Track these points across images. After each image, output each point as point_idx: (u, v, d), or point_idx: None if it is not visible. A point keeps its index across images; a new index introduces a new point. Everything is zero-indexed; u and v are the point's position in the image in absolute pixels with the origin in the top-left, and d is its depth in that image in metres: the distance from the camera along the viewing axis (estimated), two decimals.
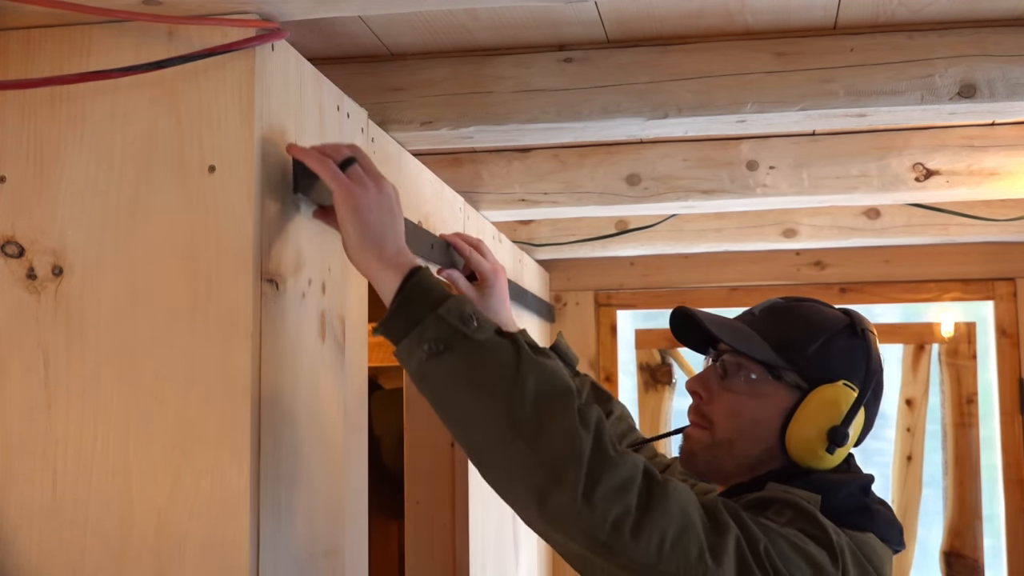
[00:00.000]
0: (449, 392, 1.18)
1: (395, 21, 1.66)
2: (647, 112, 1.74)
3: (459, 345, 1.16)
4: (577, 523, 1.12)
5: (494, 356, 1.17)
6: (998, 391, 3.40)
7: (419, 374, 1.19)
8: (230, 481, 1.12)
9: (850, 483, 1.39)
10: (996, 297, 3.42)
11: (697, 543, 1.16)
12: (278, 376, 1.20)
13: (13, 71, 1.21)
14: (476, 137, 1.84)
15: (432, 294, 1.19)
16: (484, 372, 1.16)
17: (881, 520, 1.36)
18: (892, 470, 3.64)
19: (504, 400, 1.15)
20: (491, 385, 1.16)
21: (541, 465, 1.13)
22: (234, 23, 1.17)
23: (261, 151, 1.18)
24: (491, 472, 1.18)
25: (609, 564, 1.15)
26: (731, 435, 1.41)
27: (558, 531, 1.15)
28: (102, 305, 1.16)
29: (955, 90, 1.68)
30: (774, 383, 1.40)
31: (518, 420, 1.14)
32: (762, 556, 1.18)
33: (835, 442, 1.37)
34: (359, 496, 1.44)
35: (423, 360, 1.17)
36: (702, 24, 1.70)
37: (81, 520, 1.14)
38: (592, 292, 3.63)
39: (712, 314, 1.48)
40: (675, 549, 1.15)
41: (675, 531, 1.15)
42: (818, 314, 1.46)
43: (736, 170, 2.41)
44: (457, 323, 1.17)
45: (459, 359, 1.16)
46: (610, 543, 1.13)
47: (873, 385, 1.42)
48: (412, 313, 1.17)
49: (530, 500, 1.14)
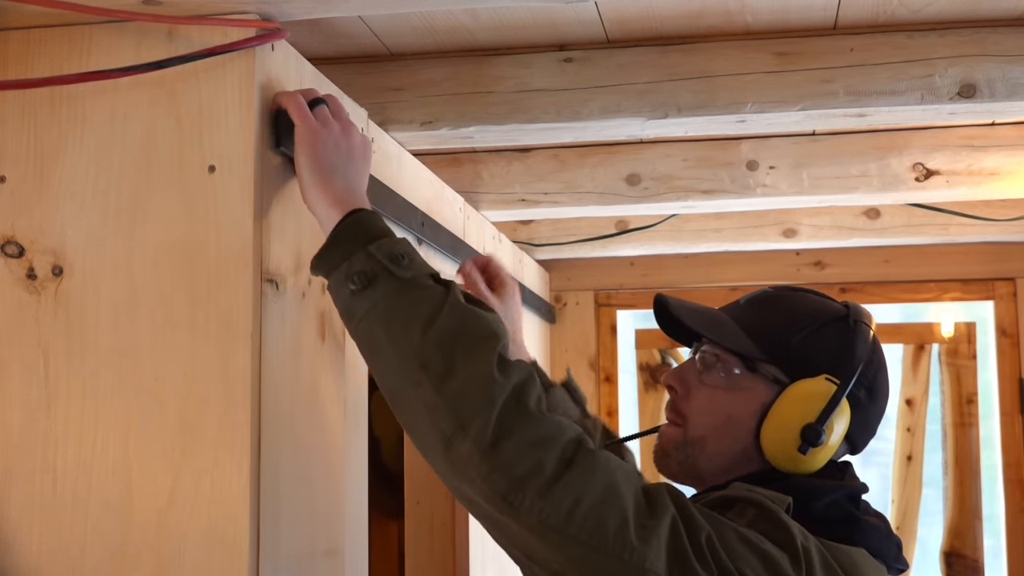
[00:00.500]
0: (368, 330, 1.13)
1: (395, 21, 1.66)
2: (647, 112, 1.74)
3: (383, 281, 1.13)
4: (479, 473, 1.05)
5: (416, 295, 1.13)
6: (998, 391, 3.40)
7: (345, 312, 1.16)
8: (230, 481, 1.12)
9: (833, 490, 1.26)
10: (996, 297, 3.42)
11: (619, 515, 1.06)
12: (278, 376, 1.20)
13: (13, 71, 1.21)
14: (476, 137, 1.84)
15: (368, 231, 1.16)
16: (403, 311, 1.12)
17: (871, 533, 1.24)
18: (892, 470, 3.64)
19: (418, 340, 1.10)
20: (407, 324, 1.11)
21: (447, 409, 1.07)
22: (234, 23, 1.17)
23: (261, 151, 1.18)
24: (402, 416, 1.13)
25: (518, 524, 1.05)
26: (704, 432, 1.32)
27: (462, 481, 1.07)
28: (102, 305, 1.16)
29: (955, 90, 1.68)
30: (752, 377, 1.30)
31: (428, 361, 1.08)
32: (702, 546, 1.07)
33: (808, 441, 1.25)
34: (359, 496, 1.44)
35: (347, 296, 1.14)
36: (702, 24, 1.70)
37: (81, 520, 1.14)
38: (592, 292, 3.63)
39: (689, 303, 1.39)
40: (589, 517, 1.05)
41: (593, 499, 1.05)
42: (807, 304, 1.36)
43: (736, 170, 2.41)
44: (385, 260, 1.14)
45: (381, 295, 1.12)
46: (514, 500, 1.04)
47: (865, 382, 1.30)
48: (344, 248, 1.15)
49: (435, 445, 1.08)
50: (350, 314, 1.15)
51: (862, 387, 1.31)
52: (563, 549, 1.05)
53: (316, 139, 1.20)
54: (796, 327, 1.32)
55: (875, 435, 1.37)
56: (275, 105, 1.22)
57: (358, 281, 1.13)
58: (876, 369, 1.33)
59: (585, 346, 3.61)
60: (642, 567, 1.05)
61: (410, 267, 1.14)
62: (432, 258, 2.01)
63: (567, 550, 1.05)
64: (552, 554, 1.06)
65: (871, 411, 1.33)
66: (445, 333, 1.10)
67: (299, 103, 1.21)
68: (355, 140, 1.25)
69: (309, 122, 1.20)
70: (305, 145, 1.20)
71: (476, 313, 1.13)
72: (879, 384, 1.34)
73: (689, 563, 1.06)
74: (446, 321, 1.11)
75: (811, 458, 1.27)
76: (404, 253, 1.15)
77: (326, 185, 1.19)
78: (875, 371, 1.33)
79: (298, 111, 1.21)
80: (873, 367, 1.32)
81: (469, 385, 1.07)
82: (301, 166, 1.20)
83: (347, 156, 1.23)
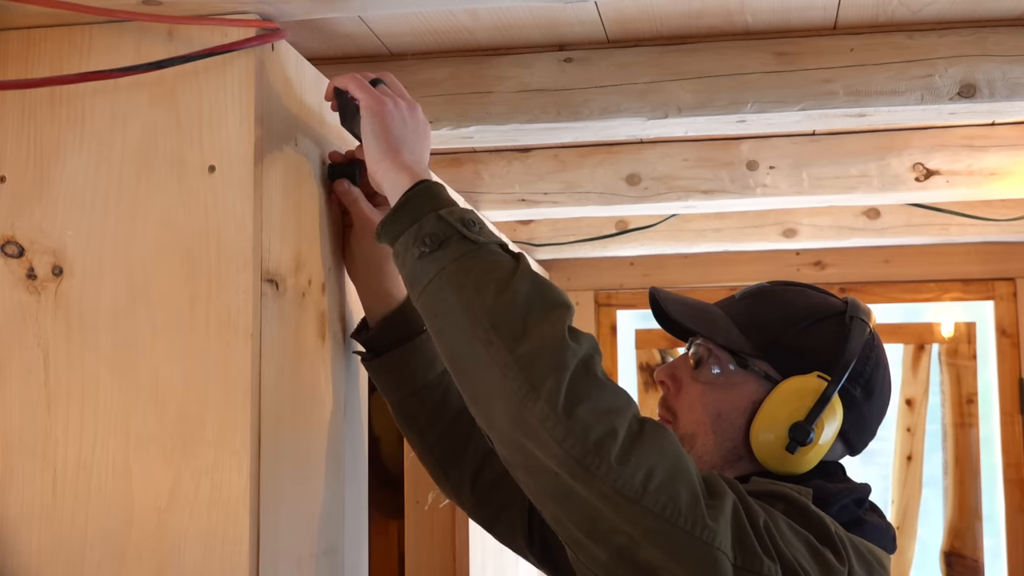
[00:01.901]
0: (436, 293, 1.11)
1: (395, 21, 1.66)
2: (647, 112, 1.74)
3: (455, 244, 1.11)
4: (553, 437, 1.02)
5: (489, 259, 1.11)
6: (998, 391, 3.40)
7: (411, 277, 1.13)
8: (230, 481, 1.12)
9: (845, 495, 1.24)
10: (996, 297, 3.42)
11: (690, 490, 1.04)
12: (278, 376, 1.20)
13: (13, 71, 1.21)
14: (476, 137, 1.84)
15: (439, 198, 1.14)
16: (475, 273, 1.09)
17: (872, 531, 1.24)
18: (892, 470, 3.65)
19: (491, 301, 1.07)
20: (480, 287, 1.08)
21: (520, 370, 1.04)
22: (234, 23, 1.17)
23: (261, 151, 1.18)
24: (466, 382, 1.10)
25: (589, 491, 1.03)
26: (694, 429, 1.30)
27: (534, 444, 1.04)
28: (102, 305, 1.16)
29: (955, 90, 1.68)
30: (743, 373, 1.28)
31: (501, 320, 1.06)
32: (762, 530, 1.07)
33: (796, 440, 1.23)
34: (359, 496, 1.44)
35: (415, 259, 1.12)
36: (702, 24, 1.70)
37: (81, 520, 1.14)
38: (592, 292, 3.63)
39: (682, 297, 1.38)
40: (663, 489, 1.03)
41: (666, 471, 1.04)
42: (803, 299, 1.33)
43: (736, 170, 2.42)
44: (457, 223, 1.12)
45: (452, 257, 1.10)
46: (590, 465, 1.01)
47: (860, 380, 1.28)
48: (414, 212, 1.14)
49: (505, 408, 1.05)
50: (416, 278, 1.13)
51: (857, 385, 1.28)
52: (636, 520, 1.03)
53: (383, 110, 1.20)
54: (790, 323, 1.30)
55: (875, 436, 1.35)
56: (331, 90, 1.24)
57: (429, 243, 1.11)
58: (873, 367, 1.30)
59: None
60: (712, 545, 1.03)
61: (481, 233, 1.13)
62: None
63: (641, 521, 1.03)
64: (624, 525, 1.03)
65: (868, 410, 1.30)
66: (519, 297, 1.08)
67: (360, 80, 1.22)
68: (419, 116, 1.25)
69: (375, 95, 1.21)
70: (372, 115, 1.20)
71: (548, 282, 1.13)
72: (877, 382, 1.30)
73: (752, 547, 1.05)
74: (519, 286, 1.09)
75: (800, 458, 1.26)
76: (476, 220, 1.14)
77: (396, 154, 1.19)
78: (872, 369, 1.29)
79: (360, 86, 1.22)
80: (870, 365, 1.29)
81: (542, 348, 1.05)
82: (369, 140, 1.20)
83: (414, 130, 1.23)
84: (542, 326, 1.07)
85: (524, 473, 1.10)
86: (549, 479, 1.06)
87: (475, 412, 1.12)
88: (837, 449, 1.32)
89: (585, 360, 1.07)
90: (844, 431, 1.29)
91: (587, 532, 1.06)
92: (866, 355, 1.29)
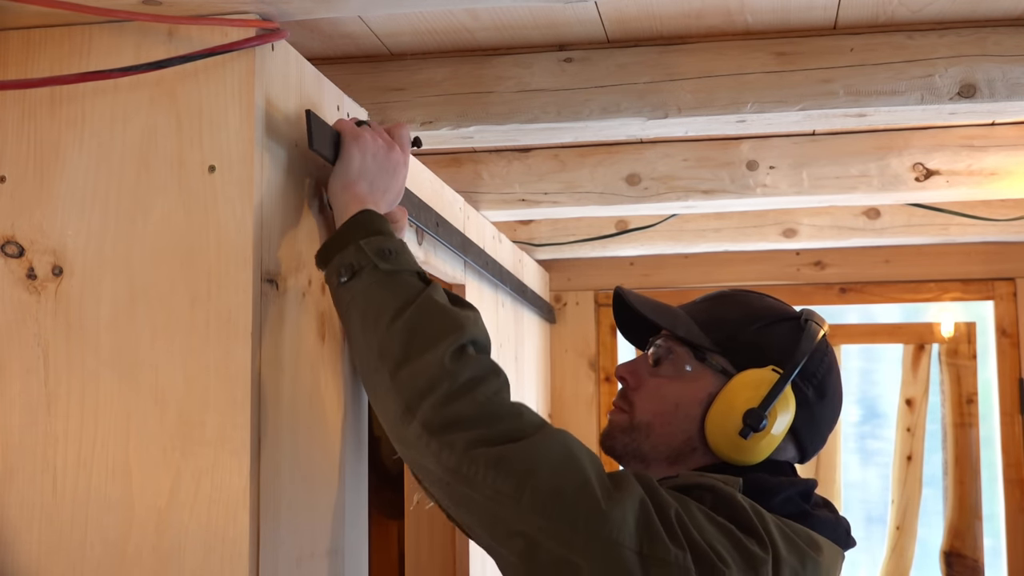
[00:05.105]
0: (348, 320, 1.22)
1: (395, 21, 1.66)
2: (647, 112, 1.75)
3: (367, 273, 1.20)
4: (430, 451, 1.12)
5: (391, 289, 1.19)
6: (998, 391, 3.40)
7: (335, 303, 1.25)
8: (230, 481, 1.12)
9: (787, 487, 1.27)
10: (996, 297, 3.42)
11: (578, 484, 1.09)
12: (278, 376, 1.20)
13: (13, 71, 1.21)
14: (476, 137, 1.84)
15: (367, 227, 1.22)
16: (376, 302, 1.19)
17: (822, 524, 1.26)
18: (892, 470, 3.64)
19: (383, 331, 1.17)
20: (378, 315, 1.18)
21: (398, 392, 1.15)
22: (234, 23, 1.17)
23: (261, 151, 1.18)
24: (371, 400, 1.22)
25: (478, 495, 1.10)
26: (650, 419, 1.34)
27: (418, 457, 1.14)
28: (102, 305, 1.16)
29: (955, 90, 1.68)
30: (700, 367, 1.33)
31: (386, 349, 1.16)
32: (672, 521, 1.10)
33: (750, 425, 1.27)
34: (359, 496, 1.44)
35: (336, 287, 1.23)
36: (702, 24, 1.70)
37: (81, 520, 1.14)
38: (592, 292, 3.63)
39: (645, 297, 1.43)
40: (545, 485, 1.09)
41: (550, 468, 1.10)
42: (761, 302, 1.39)
43: (736, 170, 2.42)
44: (372, 254, 1.20)
45: (361, 287, 1.20)
46: (467, 472, 1.10)
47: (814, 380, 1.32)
48: (341, 240, 1.22)
49: (390, 427, 1.17)
50: (338, 306, 1.25)
51: (810, 384, 1.33)
52: (525, 518, 1.09)
53: (361, 142, 1.29)
54: (747, 321, 1.35)
55: (824, 443, 1.38)
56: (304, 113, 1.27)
57: (345, 272, 1.21)
58: (826, 370, 1.35)
59: (585, 346, 3.61)
60: (602, 535, 1.08)
61: (395, 262, 1.21)
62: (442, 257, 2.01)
63: (529, 519, 1.09)
64: (518, 525, 1.10)
65: (820, 412, 1.35)
66: (408, 325, 1.17)
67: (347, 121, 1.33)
68: (394, 156, 1.33)
69: (354, 127, 1.31)
70: (350, 141, 1.28)
71: (446, 309, 1.19)
72: (829, 385, 1.35)
73: (659, 537, 1.09)
74: (412, 314, 1.17)
75: (753, 444, 1.29)
76: (393, 249, 1.21)
77: (354, 185, 1.28)
78: (825, 371, 1.35)
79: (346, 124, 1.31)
80: (823, 367, 1.35)
81: (418, 372, 1.14)
82: (339, 163, 1.28)
83: (381, 166, 1.31)
84: (424, 352, 1.15)
85: (429, 484, 1.19)
86: (445, 490, 1.15)
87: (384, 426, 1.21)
88: (788, 450, 1.35)
89: (464, 383, 1.14)
90: (796, 429, 1.33)
91: (491, 536, 1.14)
92: (820, 357, 1.34)
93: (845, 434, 3.75)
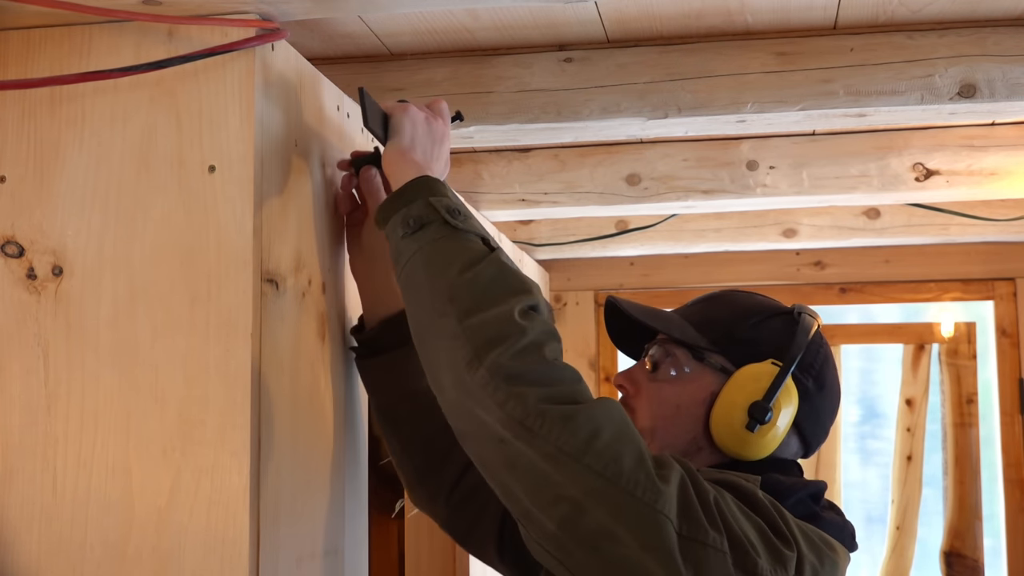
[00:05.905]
0: (411, 271, 1.19)
1: (395, 21, 1.66)
2: (647, 112, 1.74)
3: (435, 227, 1.19)
4: (495, 400, 1.09)
5: (463, 243, 1.19)
6: (998, 391, 3.40)
7: (395, 257, 1.22)
8: (230, 481, 1.12)
9: (800, 489, 1.27)
10: (996, 297, 3.42)
11: (635, 454, 1.09)
12: (278, 376, 1.20)
13: (13, 71, 1.21)
14: (476, 137, 1.84)
15: (433, 190, 1.23)
16: (445, 253, 1.18)
17: (830, 527, 1.26)
18: (892, 470, 3.64)
19: (453, 278, 1.16)
20: (447, 265, 1.17)
21: (467, 338, 1.13)
22: (234, 23, 1.17)
23: (261, 151, 1.18)
24: (424, 351, 1.19)
25: (533, 452, 1.08)
26: (653, 423, 1.35)
27: (477, 406, 1.11)
28: (102, 305, 1.16)
29: (955, 90, 1.68)
30: (699, 367, 1.34)
31: (458, 295, 1.15)
32: (710, 504, 1.11)
33: (755, 418, 1.28)
34: (359, 496, 1.44)
35: (399, 238, 1.21)
36: (702, 24, 1.70)
37: (81, 520, 1.14)
38: (592, 292, 3.63)
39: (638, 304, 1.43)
40: (608, 448, 1.08)
41: (612, 433, 1.09)
42: (753, 299, 1.41)
43: (736, 170, 2.42)
44: (443, 210, 1.20)
45: (429, 239, 1.19)
46: (533, 425, 1.08)
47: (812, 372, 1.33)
48: (407, 197, 1.22)
49: (451, 375, 1.14)
50: (398, 257, 1.22)
51: (809, 376, 1.34)
52: (579, 479, 1.08)
53: (407, 113, 1.31)
54: (742, 318, 1.37)
55: (827, 435, 1.39)
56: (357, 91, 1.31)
57: (412, 224, 1.20)
58: (823, 361, 1.36)
59: (585, 346, 3.61)
60: (654, 507, 1.08)
61: (463, 222, 1.21)
62: None
63: (583, 480, 1.08)
64: (568, 487, 1.08)
65: (821, 404, 1.36)
66: (480, 277, 1.16)
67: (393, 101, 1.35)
68: (437, 126, 1.35)
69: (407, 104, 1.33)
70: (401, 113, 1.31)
71: (517, 271, 1.20)
72: (827, 377, 1.36)
73: (698, 517, 1.10)
74: (484, 268, 1.17)
75: (759, 438, 1.30)
76: (461, 211, 1.22)
77: (409, 152, 1.29)
78: (822, 362, 1.36)
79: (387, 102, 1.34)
80: (820, 358, 1.35)
81: (490, 322, 1.13)
82: (393, 134, 1.30)
83: (429, 136, 1.33)
84: (496, 305, 1.14)
85: (474, 443, 1.16)
86: (496, 447, 1.12)
87: (431, 382, 1.19)
88: (793, 445, 1.35)
89: (534, 340, 1.14)
90: (799, 422, 1.33)
91: (533, 500, 1.10)
92: (816, 348, 1.35)
93: (845, 434, 3.75)
